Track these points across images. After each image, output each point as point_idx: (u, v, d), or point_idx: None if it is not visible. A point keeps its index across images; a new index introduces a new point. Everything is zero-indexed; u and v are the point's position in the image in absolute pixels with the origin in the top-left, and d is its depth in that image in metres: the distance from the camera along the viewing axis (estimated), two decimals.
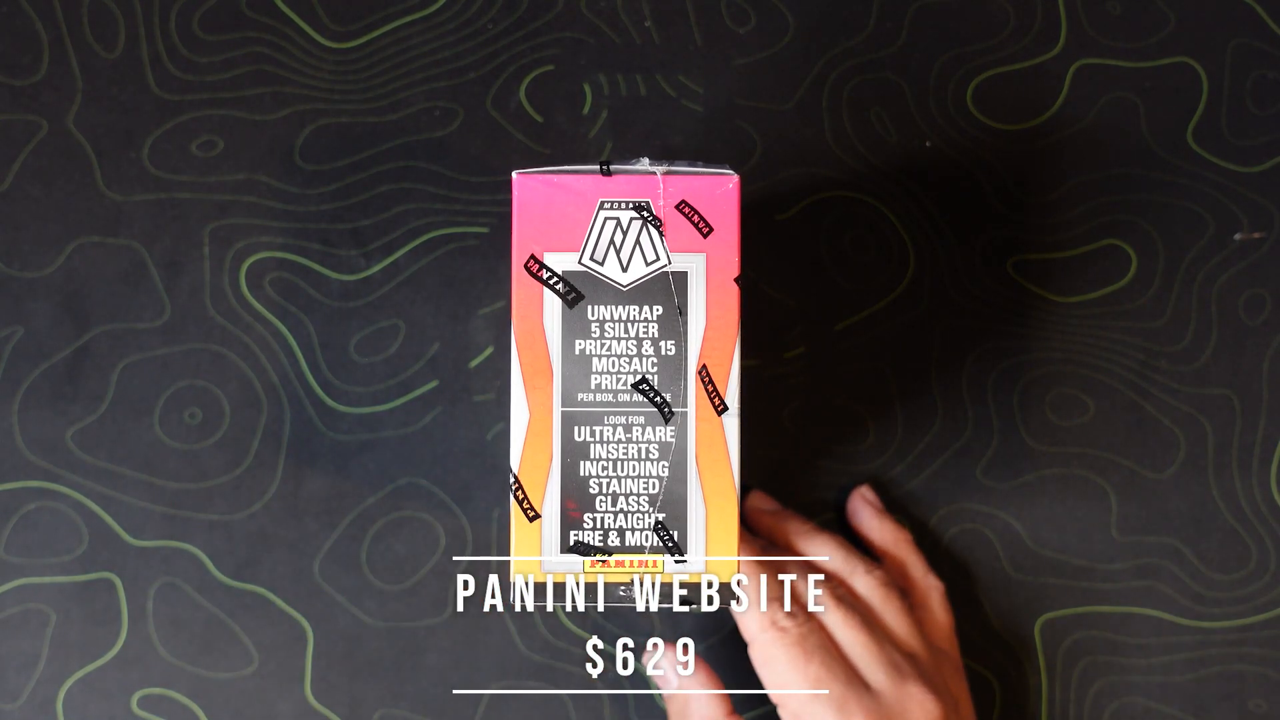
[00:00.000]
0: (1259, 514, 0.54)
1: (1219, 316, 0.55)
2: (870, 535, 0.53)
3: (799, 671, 0.47)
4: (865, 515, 0.53)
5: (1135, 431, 0.54)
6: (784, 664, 0.47)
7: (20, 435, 0.53)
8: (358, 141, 0.54)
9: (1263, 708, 0.54)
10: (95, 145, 0.54)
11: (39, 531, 0.53)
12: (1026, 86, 0.55)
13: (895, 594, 0.50)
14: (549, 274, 0.41)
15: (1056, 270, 0.55)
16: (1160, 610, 0.54)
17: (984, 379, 0.54)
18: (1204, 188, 0.55)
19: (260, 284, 0.54)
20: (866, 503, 0.53)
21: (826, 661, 0.47)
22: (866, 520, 0.53)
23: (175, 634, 0.53)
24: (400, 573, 0.53)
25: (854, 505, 0.54)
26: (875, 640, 0.48)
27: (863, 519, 0.53)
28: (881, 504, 0.53)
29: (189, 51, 0.54)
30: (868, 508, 0.53)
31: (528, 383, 0.41)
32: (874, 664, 0.48)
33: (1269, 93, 0.55)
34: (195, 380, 0.53)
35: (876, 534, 0.53)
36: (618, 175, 0.41)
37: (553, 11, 0.55)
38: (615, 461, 0.42)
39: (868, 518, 0.53)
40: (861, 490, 0.54)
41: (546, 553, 0.42)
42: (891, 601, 0.50)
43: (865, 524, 0.53)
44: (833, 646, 0.48)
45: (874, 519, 0.53)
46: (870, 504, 0.53)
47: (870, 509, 0.53)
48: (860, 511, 0.53)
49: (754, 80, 0.55)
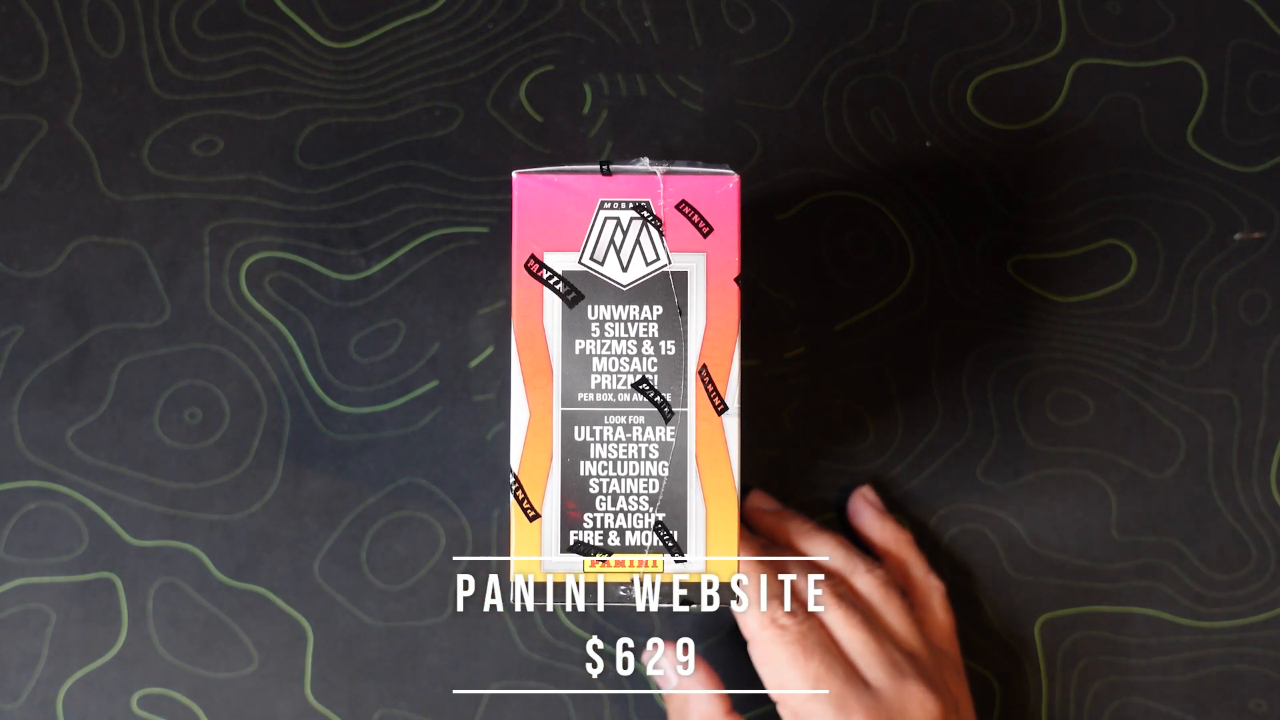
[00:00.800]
0: (1259, 514, 0.54)
1: (1219, 316, 0.55)
2: (871, 535, 0.53)
3: (799, 669, 0.47)
4: (866, 516, 0.53)
5: (1135, 431, 0.54)
6: (784, 662, 0.47)
7: (20, 435, 0.53)
8: (358, 141, 0.54)
9: (1262, 707, 0.54)
10: (95, 145, 0.54)
11: (39, 531, 0.53)
12: (1026, 86, 0.55)
13: (896, 593, 0.50)
14: (549, 274, 0.41)
15: (1056, 270, 0.55)
16: (1160, 610, 0.54)
17: (984, 379, 0.54)
18: (1204, 188, 0.55)
19: (260, 284, 0.54)
20: (868, 503, 0.53)
21: (826, 659, 0.47)
22: (868, 521, 0.53)
23: (175, 634, 0.53)
24: (400, 573, 0.53)
25: (855, 506, 0.54)
26: (875, 639, 0.48)
27: (864, 519, 0.53)
28: (883, 504, 0.53)
29: (189, 51, 0.54)
30: (869, 508, 0.53)
31: (528, 383, 0.41)
32: (874, 662, 0.48)
33: (1269, 93, 0.55)
34: (195, 380, 0.53)
35: (878, 534, 0.53)
36: (618, 175, 0.41)
37: (553, 11, 0.55)
38: (615, 461, 0.42)
39: (869, 518, 0.53)
40: (863, 491, 0.54)
41: (546, 553, 0.42)
42: (892, 601, 0.50)
43: (866, 524, 0.53)
44: (833, 645, 0.48)
45: (875, 519, 0.53)
46: (871, 504, 0.53)
47: (871, 509, 0.53)
48: (861, 512, 0.53)
49: (754, 80, 0.55)
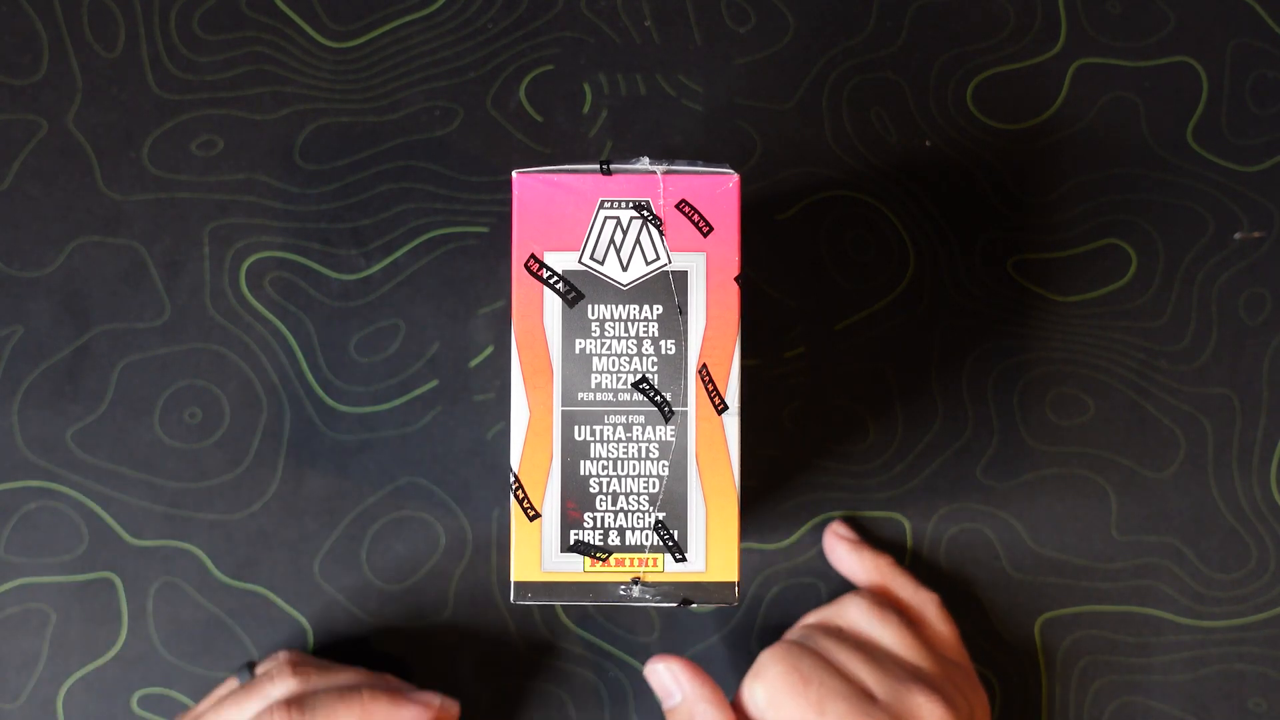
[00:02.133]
0: (1259, 514, 0.54)
1: (1219, 316, 0.55)
2: (852, 572, 0.53)
3: (800, 697, 0.46)
4: (841, 552, 0.53)
5: (1135, 431, 0.54)
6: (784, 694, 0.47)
7: (20, 435, 0.53)
8: (358, 141, 0.54)
9: (1262, 707, 0.54)
10: (95, 145, 0.54)
11: (39, 531, 0.53)
12: (1026, 86, 0.55)
13: (889, 613, 0.50)
14: (549, 273, 0.41)
15: (1056, 270, 0.55)
16: (1160, 610, 0.54)
17: (984, 379, 0.54)
18: (1204, 187, 0.55)
19: (260, 284, 0.54)
20: (841, 539, 0.53)
21: (825, 682, 0.46)
22: (844, 557, 0.53)
23: (175, 634, 0.53)
24: (400, 573, 0.53)
25: (829, 544, 0.53)
26: (874, 658, 0.48)
27: (839, 556, 0.53)
28: (856, 536, 0.53)
29: (189, 51, 0.54)
30: (842, 543, 0.53)
31: (528, 382, 0.41)
32: (876, 679, 0.47)
33: (1269, 92, 0.55)
34: (195, 380, 0.53)
35: (858, 568, 0.52)
36: (618, 175, 0.41)
37: (553, 11, 0.55)
38: (615, 461, 0.42)
39: (844, 554, 0.53)
40: (833, 527, 0.53)
41: (546, 552, 0.42)
42: (887, 621, 0.49)
43: (843, 561, 0.53)
44: (831, 668, 0.47)
45: (850, 553, 0.53)
46: (845, 539, 0.53)
47: (845, 544, 0.53)
48: (835, 549, 0.53)
49: (754, 80, 0.55)
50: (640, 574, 0.42)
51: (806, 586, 0.54)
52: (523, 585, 0.41)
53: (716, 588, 0.42)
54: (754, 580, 0.54)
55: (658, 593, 0.42)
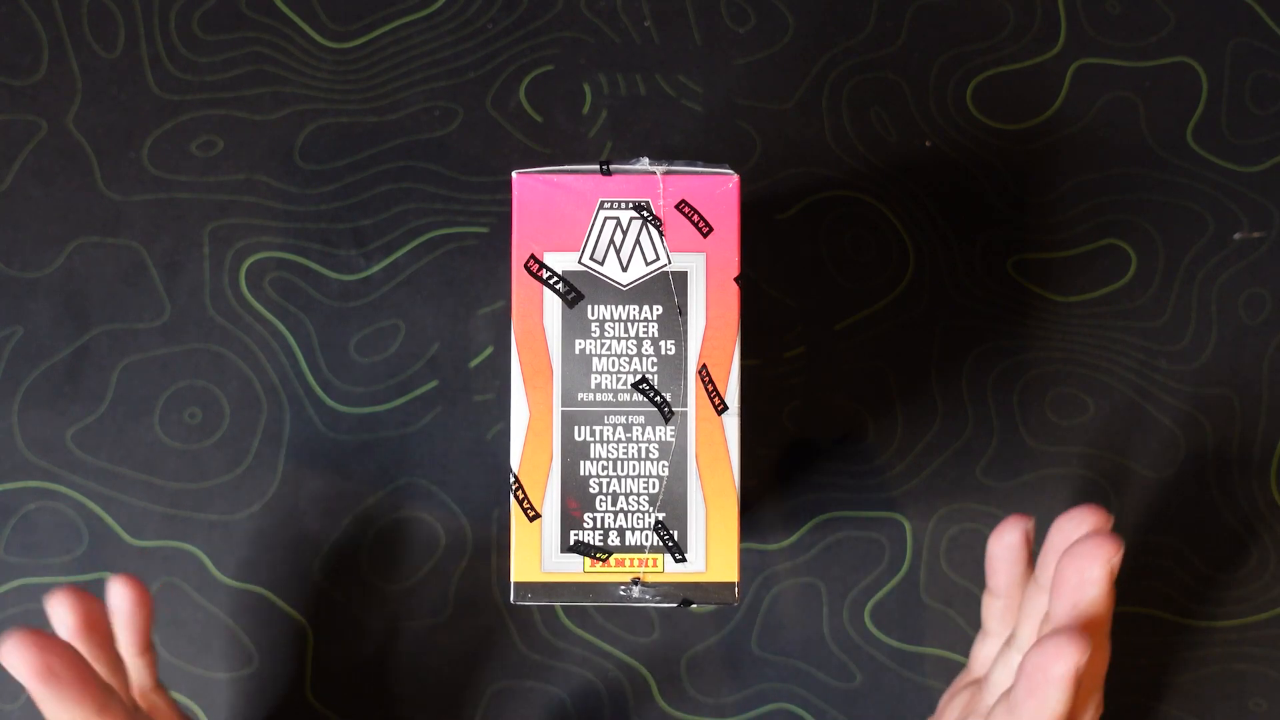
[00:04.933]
0: (1259, 514, 0.54)
1: (1219, 316, 0.55)
2: (1076, 599, 0.37)
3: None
4: (1094, 573, 0.37)
5: (1135, 431, 0.54)
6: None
7: (20, 435, 0.53)
8: (358, 141, 0.54)
9: (1262, 707, 0.54)
10: (95, 145, 0.54)
11: (39, 531, 0.53)
12: (1026, 86, 0.55)
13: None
14: (549, 274, 0.41)
15: (1056, 270, 0.55)
16: (1160, 610, 0.54)
17: (984, 379, 0.54)
18: (1204, 187, 0.55)
19: (260, 284, 0.54)
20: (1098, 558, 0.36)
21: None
22: (1089, 582, 0.37)
23: (175, 634, 0.53)
24: (400, 573, 0.53)
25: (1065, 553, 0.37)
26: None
27: (1079, 574, 0.37)
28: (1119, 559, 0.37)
29: (189, 51, 0.54)
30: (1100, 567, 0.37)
31: (528, 382, 0.41)
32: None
33: (1269, 93, 0.55)
34: (195, 380, 0.53)
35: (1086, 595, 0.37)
36: (618, 175, 0.41)
37: (553, 11, 0.55)
38: (615, 461, 0.42)
39: (1096, 577, 0.37)
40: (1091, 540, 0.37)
41: (546, 552, 0.42)
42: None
43: (1079, 587, 0.37)
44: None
45: (1104, 581, 0.37)
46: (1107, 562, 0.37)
47: (1106, 569, 0.37)
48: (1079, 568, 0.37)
49: (754, 80, 0.55)
50: (640, 574, 0.42)
51: (806, 586, 0.54)
52: (522, 586, 0.41)
53: (716, 588, 0.42)
54: (754, 580, 0.54)
55: (658, 593, 0.42)
